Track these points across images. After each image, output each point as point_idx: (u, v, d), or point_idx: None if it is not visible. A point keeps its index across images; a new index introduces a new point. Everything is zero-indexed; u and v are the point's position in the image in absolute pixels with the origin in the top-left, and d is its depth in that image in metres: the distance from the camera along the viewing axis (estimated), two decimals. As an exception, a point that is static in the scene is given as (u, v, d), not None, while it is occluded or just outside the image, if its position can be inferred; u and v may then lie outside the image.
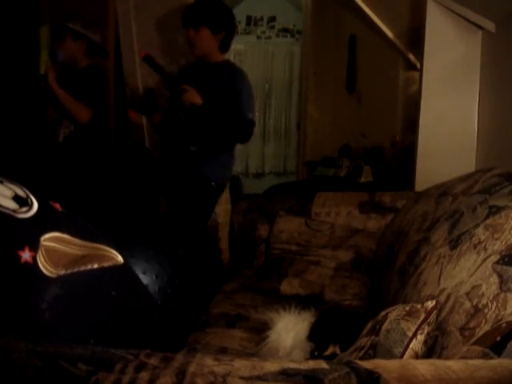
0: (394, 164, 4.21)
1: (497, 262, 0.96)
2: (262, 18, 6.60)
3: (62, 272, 1.07)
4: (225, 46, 2.49)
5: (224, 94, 2.39)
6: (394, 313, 1.02)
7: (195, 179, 2.48)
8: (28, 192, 1.11)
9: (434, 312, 1.01)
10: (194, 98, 2.34)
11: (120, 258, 1.21)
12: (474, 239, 1.12)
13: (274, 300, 1.84)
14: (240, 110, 2.37)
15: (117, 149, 3.28)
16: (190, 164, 2.49)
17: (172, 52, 3.11)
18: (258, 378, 0.63)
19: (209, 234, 2.53)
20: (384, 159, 4.34)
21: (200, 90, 2.37)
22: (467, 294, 0.96)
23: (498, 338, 0.78)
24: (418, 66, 3.31)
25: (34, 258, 1.02)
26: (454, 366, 0.68)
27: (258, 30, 6.63)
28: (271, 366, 0.65)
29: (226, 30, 2.43)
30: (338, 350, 1.29)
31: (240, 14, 6.37)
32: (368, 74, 4.74)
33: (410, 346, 0.95)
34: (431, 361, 0.73)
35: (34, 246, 1.03)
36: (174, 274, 1.44)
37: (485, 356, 0.77)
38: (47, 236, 1.07)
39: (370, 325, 1.05)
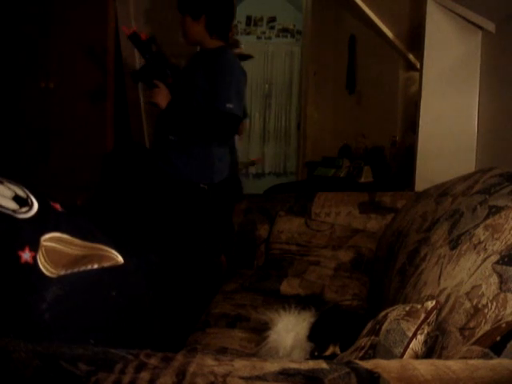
0: (393, 164, 4.21)
1: (497, 262, 0.96)
2: (261, 18, 6.59)
3: (62, 272, 1.07)
4: (214, 31, 2.33)
5: (207, 81, 2.25)
6: (394, 313, 1.02)
7: (180, 186, 2.31)
8: (28, 192, 1.11)
9: (434, 312, 1.01)
10: (156, 98, 2.26)
11: (120, 258, 1.21)
12: (473, 239, 1.12)
13: (274, 300, 1.84)
14: (217, 100, 2.20)
15: (116, 149, 3.20)
16: (169, 161, 2.33)
17: (169, 33, 3.04)
18: (258, 378, 0.63)
19: (208, 241, 2.42)
20: (384, 159, 4.34)
21: (189, 78, 2.31)
22: (467, 294, 0.96)
23: (498, 338, 0.78)
24: (418, 65, 3.31)
25: (34, 258, 1.02)
26: (454, 365, 0.68)
27: (257, 30, 6.63)
28: (271, 366, 0.65)
29: (206, 14, 2.29)
30: (338, 350, 1.30)
31: (240, 14, 6.37)
32: (368, 74, 4.73)
33: (410, 346, 0.95)
34: (431, 361, 0.73)
35: (34, 246, 1.03)
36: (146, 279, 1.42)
37: (485, 356, 0.77)
38: (47, 236, 1.07)
39: (369, 325, 1.05)
